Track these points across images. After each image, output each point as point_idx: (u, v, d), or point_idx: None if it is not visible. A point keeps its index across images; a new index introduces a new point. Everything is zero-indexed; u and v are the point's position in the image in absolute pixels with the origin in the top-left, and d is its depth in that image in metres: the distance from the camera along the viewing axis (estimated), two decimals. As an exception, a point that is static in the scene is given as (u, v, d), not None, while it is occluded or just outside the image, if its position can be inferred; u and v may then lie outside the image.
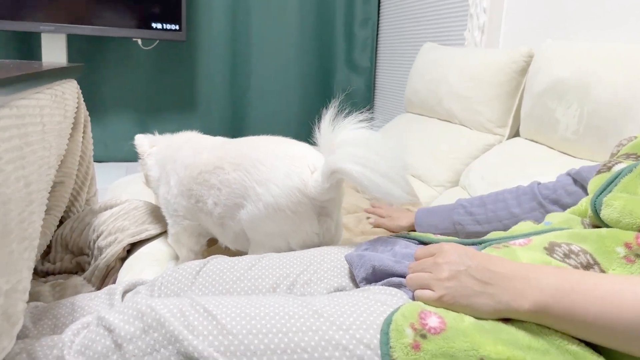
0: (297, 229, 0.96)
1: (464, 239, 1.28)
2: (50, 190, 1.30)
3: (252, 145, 1.04)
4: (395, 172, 0.85)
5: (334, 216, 0.99)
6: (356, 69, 2.99)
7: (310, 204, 0.94)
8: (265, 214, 0.95)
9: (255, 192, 0.96)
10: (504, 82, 1.71)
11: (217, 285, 0.87)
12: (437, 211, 1.30)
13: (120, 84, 2.67)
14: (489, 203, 1.17)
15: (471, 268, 0.67)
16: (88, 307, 0.92)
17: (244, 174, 0.98)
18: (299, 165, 0.95)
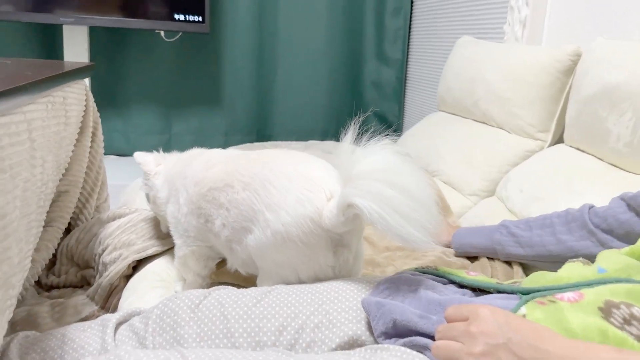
0: (309, 262, 0.86)
1: (503, 260, 1.18)
2: (53, 200, 1.22)
3: (265, 161, 0.93)
4: (419, 213, 0.73)
5: (353, 247, 0.88)
6: (387, 61, 2.85)
7: (324, 234, 0.83)
8: (273, 243, 0.85)
9: (264, 218, 0.86)
10: (548, 83, 1.56)
11: (218, 323, 0.78)
12: (477, 230, 1.23)
13: (143, 77, 2.60)
14: (536, 227, 1.07)
15: (512, 342, 0.55)
16: (79, 340, 0.84)
17: (254, 195, 0.88)
18: (314, 190, 0.84)
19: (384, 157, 0.77)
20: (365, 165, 0.77)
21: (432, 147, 1.85)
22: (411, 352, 0.65)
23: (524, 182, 1.44)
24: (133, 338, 0.81)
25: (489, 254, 1.21)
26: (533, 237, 1.08)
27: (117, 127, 2.64)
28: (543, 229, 1.07)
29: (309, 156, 0.96)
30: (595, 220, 0.98)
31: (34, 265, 1.14)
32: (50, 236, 1.19)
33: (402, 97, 2.90)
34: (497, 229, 1.16)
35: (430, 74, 2.61)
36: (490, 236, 1.17)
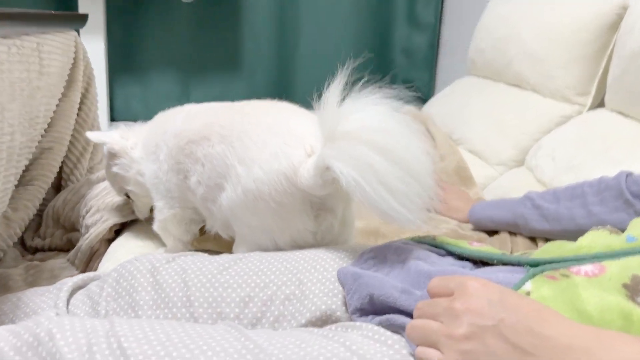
0: (285, 225, 0.75)
1: (527, 236, 1.04)
2: (34, 158, 1.15)
3: (247, 112, 0.83)
4: (408, 185, 0.61)
5: (338, 212, 0.77)
6: (418, 25, 2.66)
7: (300, 195, 0.72)
8: (244, 202, 0.75)
9: (235, 173, 0.76)
10: (589, 40, 1.38)
11: (177, 290, 0.68)
12: (498, 203, 1.09)
13: (161, 41, 2.51)
14: (564, 198, 0.93)
15: (505, 325, 0.43)
16: (33, 304, 0.77)
17: (228, 148, 0.78)
18: (293, 144, 0.73)
19: (376, 115, 0.64)
20: (352, 122, 0.64)
21: (458, 114, 1.69)
22: (385, 332, 0.53)
23: (556, 149, 1.28)
24: (87, 303, 0.72)
25: (510, 229, 1.07)
26: (560, 209, 0.94)
27: (135, 93, 2.57)
28: (572, 201, 0.93)
29: (297, 109, 0.85)
30: (634, 189, 0.84)
31: (11, 226, 1.07)
32: (30, 195, 1.12)
33: (434, 65, 2.72)
34: (520, 202, 1.02)
35: (465, 39, 2.42)
36: (513, 209, 1.03)
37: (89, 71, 1.29)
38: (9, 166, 0.91)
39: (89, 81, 1.28)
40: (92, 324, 0.54)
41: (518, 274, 0.57)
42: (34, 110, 0.99)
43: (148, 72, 2.55)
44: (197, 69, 2.58)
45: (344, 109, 0.66)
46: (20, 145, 0.94)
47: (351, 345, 0.50)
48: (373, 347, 0.51)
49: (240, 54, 2.59)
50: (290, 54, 2.62)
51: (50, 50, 1.03)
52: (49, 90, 1.05)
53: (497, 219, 1.07)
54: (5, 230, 1.04)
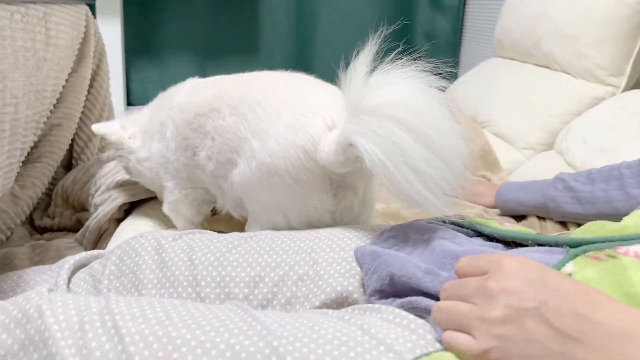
0: (300, 204, 0.70)
1: (557, 221, 0.98)
2: (43, 134, 1.11)
3: (258, 83, 0.77)
4: (437, 168, 0.55)
5: (359, 190, 0.71)
6: (441, 8, 2.58)
7: (319, 171, 0.67)
8: (259, 177, 0.70)
9: (249, 146, 0.71)
10: (624, 17, 1.30)
11: (184, 269, 0.64)
12: (527, 185, 1.03)
13: (178, 24, 2.47)
14: (599, 180, 0.87)
15: (547, 307, 0.37)
16: (33, 282, 0.73)
17: (240, 120, 0.73)
18: (310, 115, 0.68)
19: (407, 89, 0.58)
20: (380, 97, 0.58)
21: (484, 95, 1.62)
22: (407, 316, 0.48)
23: (588, 132, 1.21)
24: (89, 282, 0.68)
25: (540, 213, 1.00)
26: (595, 191, 0.88)
27: (152, 77, 2.54)
28: (608, 182, 0.87)
29: (313, 79, 0.79)
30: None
31: (18, 203, 1.04)
32: (38, 173, 1.09)
33: (458, 49, 2.64)
34: (551, 183, 0.96)
35: (490, 23, 2.34)
36: (543, 191, 0.97)
37: (100, 47, 1.25)
38: (13, 140, 0.87)
39: (101, 57, 1.24)
40: (86, 301, 0.49)
41: (557, 254, 0.51)
42: (41, 83, 0.95)
43: (165, 56, 2.52)
44: (214, 52, 2.53)
45: (372, 81, 0.60)
46: (25, 119, 0.91)
47: (369, 328, 0.45)
48: (394, 332, 0.45)
49: (258, 37, 2.54)
50: (308, 37, 2.57)
51: (58, 22, 0.99)
52: (57, 63, 1.01)
53: (526, 202, 1.01)
54: (12, 208, 1.00)
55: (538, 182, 1.01)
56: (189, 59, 2.54)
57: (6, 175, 0.85)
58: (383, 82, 0.59)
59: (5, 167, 0.84)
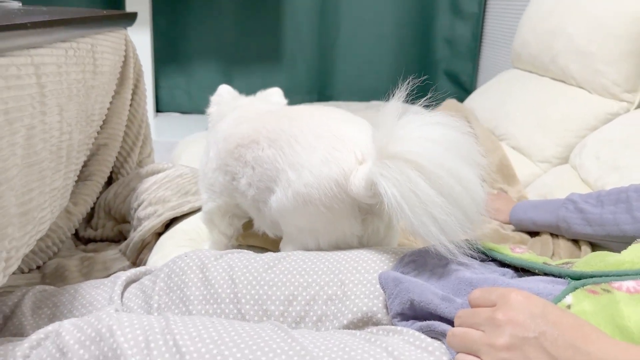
0: (332, 229, 0.77)
1: (568, 239, 1.03)
2: (92, 154, 1.20)
3: (293, 117, 0.84)
4: (452, 216, 0.61)
5: (384, 217, 0.78)
6: (461, 14, 2.63)
7: (349, 200, 0.74)
8: (294, 205, 0.77)
9: (286, 177, 0.78)
10: (639, 34, 1.34)
11: (225, 287, 0.72)
12: (540, 204, 1.09)
13: (204, 33, 2.56)
14: (608, 202, 0.92)
15: (546, 338, 0.44)
16: (89, 296, 0.82)
17: (278, 153, 0.80)
18: (343, 150, 0.74)
19: (431, 136, 0.64)
20: (404, 144, 0.64)
21: (501, 108, 1.67)
22: (426, 339, 0.55)
23: (601, 148, 1.26)
24: (140, 297, 0.76)
25: (552, 231, 1.06)
26: (604, 214, 0.93)
27: (180, 84, 2.63)
28: (617, 205, 0.92)
29: (345, 113, 0.86)
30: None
31: (71, 219, 1.13)
32: (88, 190, 1.18)
33: (477, 55, 2.68)
34: (563, 204, 1.02)
35: (509, 30, 2.38)
36: (555, 212, 1.03)
37: (138, 68, 1.33)
38: (69, 163, 0.96)
39: (139, 77, 1.33)
40: (148, 321, 0.57)
41: (559, 285, 0.58)
42: (90, 109, 1.03)
43: (192, 64, 2.61)
44: (239, 60, 2.62)
45: (400, 126, 0.66)
46: (78, 143, 0.99)
47: (393, 350, 0.52)
48: (414, 353, 0.52)
49: (281, 45, 2.62)
50: (331, 45, 2.63)
51: (103, 50, 1.08)
52: (102, 88, 1.10)
53: (539, 221, 1.07)
54: (66, 223, 1.10)
55: (551, 202, 1.07)
56: (215, 67, 2.63)
57: (63, 195, 0.94)
58: (410, 128, 0.65)
59: (62, 188, 0.92)
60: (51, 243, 1.08)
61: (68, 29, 0.90)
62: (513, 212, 1.13)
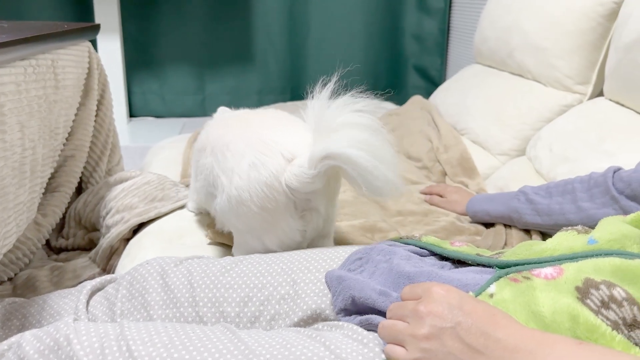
0: (269, 227, 0.83)
1: (520, 229, 1.09)
2: (59, 165, 1.23)
3: (232, 125, 0.91)
4: (392, 161, 0.74)
5: (322, 209, 0.84)
6: (428, 10, 2.68)
7: (283, 199, 0.80)
8: (229, 208, 0.84)
9: (221, 182, 0.85)
10: (588, 29, 1.40)
11: (184, 292, 0.76)
12: (494, 197, 1.15)
13: (175, 37, 2.59)
14: (556, 194, 0.98)
15: (461, 327, 0.49)
16: (57, 306, 0.85)
17: (215, 159, 0.87)
18: (270, 154, 0.80)
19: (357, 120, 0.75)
20: (345, 119, 0.75)
21: (463, 103, 1.72)
22: (362, 332, 0.59)
23: (554, 141, 1.31)
24: (104, 304, 0.80)
25: (506, 222, 1.12)
26: (552, 204, 0.99)
27: (153, 88, 2.66)
28: (564, 196, 0.98)
29: (282, 118, 0.92)
30: (619, 185, 0.88)
31: (40, 230, 1.16)
32: (57, 201, 1.20)
33: (445, 50, 2.74)
34: (515, 196, 1.07)
35: (475, 24, 2.44)
36: (508, 203, 1.09)
37: (103, 78, 1.35)
38: (34, 177, 0.99)
39: (104, 88, 1.35)
40: (104, 329, 0.61)
41: (487, 275, 0.62)
42: (53, 123, 1.06)
43: (164, 68, 2.63)
44: (211, 62, 2.65)
45: (331, 113, 0.76)
46: (43, 157, 1.02)
47: (330, 345, 0.57)
48: (350, 346, 0.57)
49: (253, 46, 2.65)
50: (300, 44, 2.67)
51: (64, 65, 1.10)
52: (66, 102, 1.12)
53: (493, 213, 1.12)
54: (35, 234, 1.12)
55: (504, 194, 1.12)
56: (187, 70, 2.65)
57: (29, 208, 0.96)
58: (338, 114, 0.75)
59: (28, 202, 0.95)
60: (21, 255, 1.10)
61: (26, 47, 0.93)
62: (469, 204, 1.18)
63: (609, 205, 0.89)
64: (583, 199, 0.94)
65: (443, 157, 1.53)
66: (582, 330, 0.50)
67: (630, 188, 0.86)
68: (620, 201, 0.87)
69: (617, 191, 0.88)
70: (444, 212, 1.23)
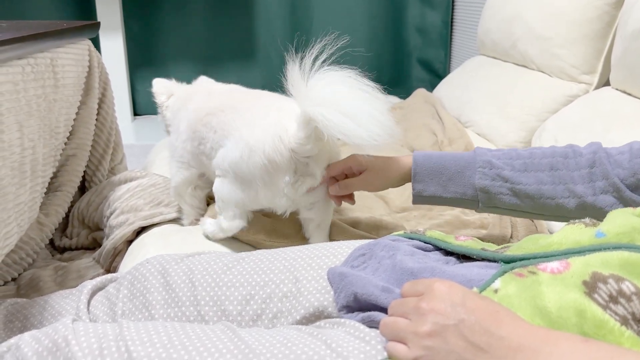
0: (268, 182, 0.91)
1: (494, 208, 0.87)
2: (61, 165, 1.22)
3: (255, 95, 1.03)
4: (365, 113, 0.77)
5: (317, 175, 0.91)
6: (431, 3, 2.65)
7: (288, 155, 0.88)
8: (240, 157, 0.91)
9: (239, 133, 0.93)
10: (593, 18, 1.38)
11: (186, 290, 0.75)
12: (444, 169, 0.88)
13: (177, 34, 2.58)
14: (536, 169, 0.81)
15: (464, 325, 0.48)
16: (58, 307, 0.84)
17: (237, 116, 0.96)
18: (287, 117, 0.90)
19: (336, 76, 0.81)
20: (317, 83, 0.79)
21: (466, 96, 1.71)
22: (364, 329, 0.58)
23: (560, 131, 1.29)
24: (105, 304, 0.79)
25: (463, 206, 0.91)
26: (535, 184, 0.82)
27: (156, 86, 2.65)
28: (547, 173, 0.81)
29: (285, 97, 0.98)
30: (619, 172, 0.78)
31: (43, 230, 1.15)
32: (59, 201, 1.20)
33: (449, 42, 2.71)
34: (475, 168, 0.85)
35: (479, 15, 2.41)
36: (469, 181, 0.86)
37: (104, 76, 1.35)
38: (35, 177, 0.98)
39: (105, 86, 1.35)
40: (103, 329, 0.60)
41: (492, 269, 0.61)
42: (54, 122, 1.05)
43: (167, 66, 2.62)
44: (213, 59, 2.63)
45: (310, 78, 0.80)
46: (43, 156, 1.01)
47: (331, 343, 0.56)
48: (352, 344, 0.56)
49: (255, 42, 2.63)
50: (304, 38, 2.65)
51: (64, 64, 1.10)
52: (66, 101, 1.11)
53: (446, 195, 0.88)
54: (38, 234, 1.12)
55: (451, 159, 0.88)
56: (190, 67, 2.64)
57: (31, 208, 0.96)
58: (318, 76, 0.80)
59: (30, 202, 0.95)
60: (25, 255, 1.10)
61: (23, 46, 0.92)
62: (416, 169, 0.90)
63: (607, 192, 0.78)
64: (574, 180, 0.80)
65: (447, 150, 1.52)
66: (590, 325, 0.48)
67: (636, 177, 0.76)
68: (621, 191, 0.77)
69: (619, 178, 0.77)
70: (448, 207, 1.20)
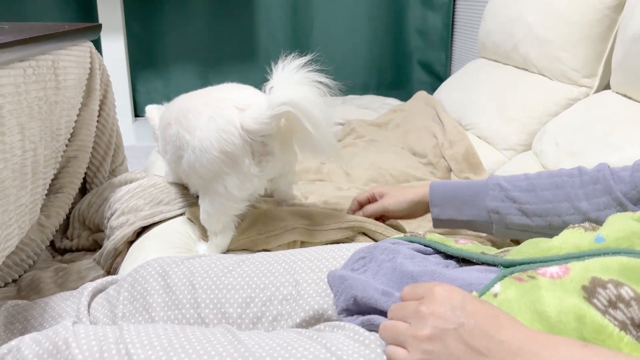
0: (231, 171, 0.92)
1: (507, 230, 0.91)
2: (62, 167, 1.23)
3: (191, 97, 1.04)
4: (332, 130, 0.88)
5: (277, 152, 0.94)
6: (432, 5, 2.66)
7: (240, 142, 0.90)
8: (194, 159, 0.93)
9: (186, 140, 0.95)
10: (594, 21, 1.38)
11: (186, 293, 0.75)
12: (459, 193, 0.94)
13: (178, 35, 2.58)
14: (542, 188, 0.87)
15: (464, 329, 0.48)
16: (59, 308, 0.84)
17: (179, 126, 0.98)
18: (223, 106, 0.92)
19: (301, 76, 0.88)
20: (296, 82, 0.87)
21: (467, 98, 1.71)
22: (364, 333, 0.59)
23: (560, 135, 1.29)
24: (106, 306, 0.79)
25: (478, 230, 0.97)
26: (541, 203, 0.86)
27: (158, 88, 2.66)
28: (553, 192, 0.86)
29: (238, 85, 1.03)
30: (621, 187, 0.80)
31: (44, 232, 1.15)
32: (60, 202, 1.20)
33: (450, 44, 2.71)
34: (487, 192, 0.91)
35: (480, 18, 2.41)
36: (482, 203, 0.92)
37: (105, 78, 1.35)
38: (36, 178, 0.98)
39: (107, 88, 1.35)
40: (103, 332, 0.60)
41: (492, 274, 0.61)
42: (55, 124, 1.06)
43: (168, 68, 2.63)
44: (215, 61, 2.64)
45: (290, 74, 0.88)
46: (44, 158, 1.02)
47: (331, 346, 0.56)
48: (351, 348, 0.56)
49: (256, 44, 2.64)
50: (305, 40, 2.66)
51: (65, 66, 1.10)
52: (67, 103, 1.12)
53: (461, 218, 0.95)
54: (39, 236, 1.12)
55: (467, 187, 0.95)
56: (191, 68, 2.65)
57: (32, 210, 0.96)
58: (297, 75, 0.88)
59: (31, 204, 0.95)
60: (25, 256, 1.10)
61: (25, 48, 0.92)
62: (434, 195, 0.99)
63: (611, 207, 0.81)
64: (579, 197, 0.83)
65: (448, 152, 1.52)
66: (589, 330, 0.49)
67: (637, 190, 0.78)
68: (625, 205, 0.79)
69: (622, 193, 0.79)
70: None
